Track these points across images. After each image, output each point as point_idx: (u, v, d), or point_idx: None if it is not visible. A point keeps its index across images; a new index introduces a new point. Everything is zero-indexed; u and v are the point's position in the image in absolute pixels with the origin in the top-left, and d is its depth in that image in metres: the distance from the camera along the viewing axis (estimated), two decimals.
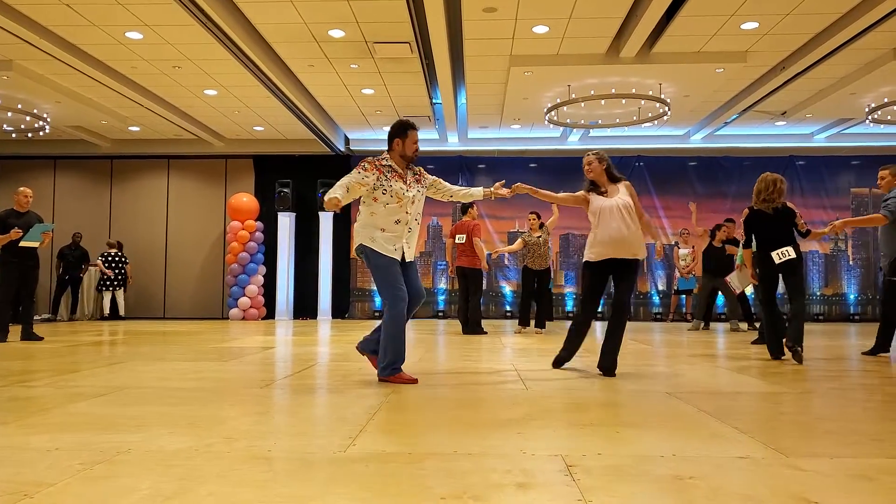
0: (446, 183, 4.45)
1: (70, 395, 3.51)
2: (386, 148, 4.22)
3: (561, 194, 5.03)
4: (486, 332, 8.61)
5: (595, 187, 4.88)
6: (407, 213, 4.10)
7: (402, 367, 4.10)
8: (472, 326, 8.51)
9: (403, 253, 4.10)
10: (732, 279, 8.26)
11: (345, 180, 4.02)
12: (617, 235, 4.57)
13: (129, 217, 13.77)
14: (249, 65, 8.75)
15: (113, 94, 10.26)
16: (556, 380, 4.26)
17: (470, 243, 8.55)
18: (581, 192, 4.91)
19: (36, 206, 8.26)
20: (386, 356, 4.02)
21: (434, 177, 4.43)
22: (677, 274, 12.73)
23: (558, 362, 4.83)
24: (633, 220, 4.62)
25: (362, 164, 4.11)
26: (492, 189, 4.49)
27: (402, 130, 4.15)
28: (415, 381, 4.03)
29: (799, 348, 5.14)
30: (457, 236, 8.69)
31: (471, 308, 8.56)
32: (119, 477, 2.01)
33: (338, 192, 3.87)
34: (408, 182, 4.16)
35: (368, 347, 4.33)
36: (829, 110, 11.24)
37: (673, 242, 12.90)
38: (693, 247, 12.73)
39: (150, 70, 9.33)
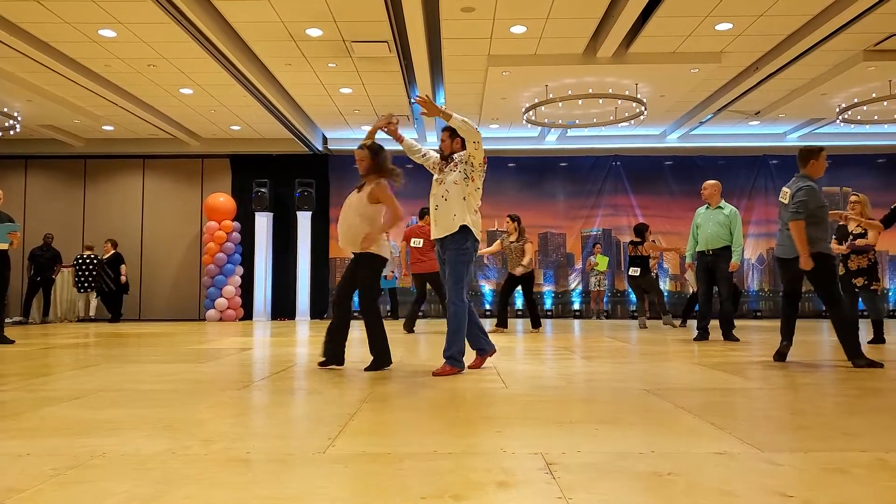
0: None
1: (42, 399, 3.44)
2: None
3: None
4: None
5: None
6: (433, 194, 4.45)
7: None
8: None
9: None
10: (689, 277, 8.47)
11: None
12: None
13: (104, 218, 13.57)
14: (226, 63, 8.66)
15: (86, 93, 10.09)
16: (535, 378, 4.27)
17: (429, 246, 8.37)
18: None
19: (7, 207, 8.11)
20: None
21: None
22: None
23: None
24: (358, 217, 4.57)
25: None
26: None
27: None
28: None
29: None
30: (412, 240, 8.57)
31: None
32: (93, 482, 1.98)
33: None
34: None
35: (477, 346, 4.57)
36: (802, 110, 11.43)
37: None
38: (655, 243, 12.91)
39: (124, 68, 9.20)
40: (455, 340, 4.34)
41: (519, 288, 9.06)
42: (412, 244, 8.56)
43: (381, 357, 4.62)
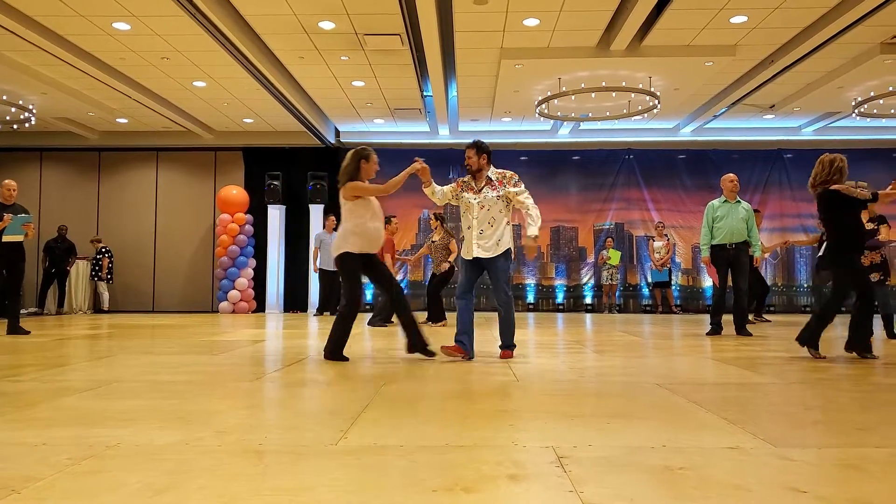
0: (524, 199, 4.95)
1: (57, 390, 3.48)
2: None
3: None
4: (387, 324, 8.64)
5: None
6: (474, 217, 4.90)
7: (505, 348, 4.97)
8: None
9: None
10: None
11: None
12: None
13: (117, 210, 13.66)
14: (239, 56, 8.68)
15: (100, 86, 10.16)
16: (547, 372, 4.26)
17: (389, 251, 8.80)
18: None
19: (22, 199, 8.17)
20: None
21: (517, 188, 4.97)
22: (651, 266, 12.89)
23: None
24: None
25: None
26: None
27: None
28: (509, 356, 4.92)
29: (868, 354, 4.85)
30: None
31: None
32: (108, 471, 1.99)
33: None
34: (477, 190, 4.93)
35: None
36: (817, 104, 11.31)
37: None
38: (668, 239, 12.85)
39: (137, 61, 9.24)
40: (511, 330, 4.98)
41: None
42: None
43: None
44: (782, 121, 12.63)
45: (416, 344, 4.90)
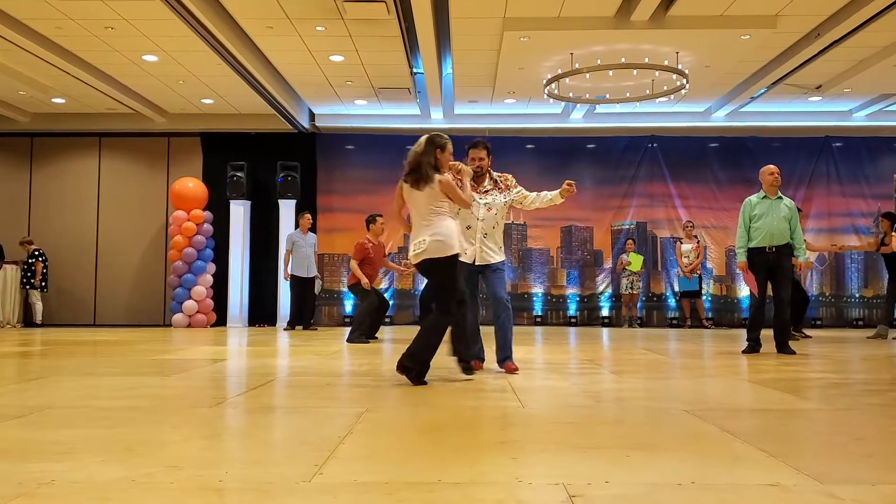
0: (528, 195, 5.58)
1: None
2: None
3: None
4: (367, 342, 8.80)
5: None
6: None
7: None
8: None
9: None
10: None
11: None
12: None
13: (53, 206, 13.61)
14: (196, 26, 8.66)
15: (33, 60, 10.12)
16: (556, 396, 4.27)
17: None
18: None
19: None
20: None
21: (520, 189, 5.54)
22: (679, 273, 12.89)
23: None
24: None
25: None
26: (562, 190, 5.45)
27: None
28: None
29: None
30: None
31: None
32: None
33: None
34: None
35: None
36: (871, 84, 11.37)
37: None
38: (698, 241, 12.86)
39: (78, 32, 9.22)
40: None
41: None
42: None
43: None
44: (830, 104, 12.69)
45: (463, 353, 5.09)
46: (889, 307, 9.99)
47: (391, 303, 13.29)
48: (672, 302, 13.54)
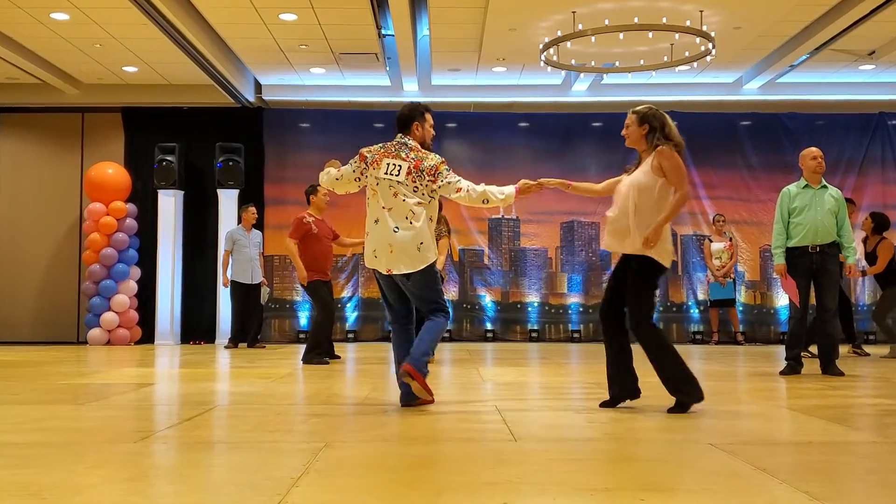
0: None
1: None
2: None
3: (602, 184, 5.51)
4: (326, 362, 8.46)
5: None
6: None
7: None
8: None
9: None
10: None
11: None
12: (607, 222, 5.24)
13: None
14: None
15: None
16: (555, 427, 4.28)
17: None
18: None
19: None
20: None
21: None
22: (709, 278, 12.81)
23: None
24: (632, 204, 5.00)
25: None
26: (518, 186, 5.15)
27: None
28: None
29: None
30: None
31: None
32: None
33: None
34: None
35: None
36: None
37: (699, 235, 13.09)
38: (731, 239, 12.83)
39: None
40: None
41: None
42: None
43: (680, 390, 4.64)
44: (885, 73, 12.81)
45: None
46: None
47: (355, 314, 13.30)
48: (695, 312, 13.58)
